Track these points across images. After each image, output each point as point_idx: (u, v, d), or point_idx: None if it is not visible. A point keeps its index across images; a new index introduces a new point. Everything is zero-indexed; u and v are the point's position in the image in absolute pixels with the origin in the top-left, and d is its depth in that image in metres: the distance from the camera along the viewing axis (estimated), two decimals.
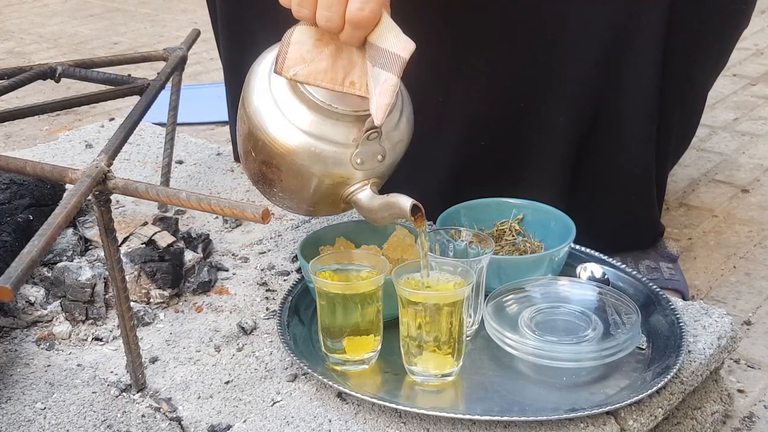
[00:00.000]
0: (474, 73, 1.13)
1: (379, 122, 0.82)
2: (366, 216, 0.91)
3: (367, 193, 0.90)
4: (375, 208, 0.88)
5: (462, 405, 0.84)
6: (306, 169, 0.89)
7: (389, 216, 0.88)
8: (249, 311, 1.00)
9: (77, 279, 0.98)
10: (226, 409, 0.84)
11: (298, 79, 0.85)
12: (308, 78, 0.85)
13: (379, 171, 0.91)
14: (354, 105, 0.87)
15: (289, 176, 0.90)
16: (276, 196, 0.96)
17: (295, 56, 0.84)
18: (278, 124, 0.88)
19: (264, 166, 0.91)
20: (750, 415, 1.02)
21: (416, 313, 0.83)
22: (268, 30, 1.25)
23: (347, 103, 0.87)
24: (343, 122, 0.87)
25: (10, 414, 0.84)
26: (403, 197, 0.85)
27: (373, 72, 0.83)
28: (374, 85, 0.83)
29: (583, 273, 1.01)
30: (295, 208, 0.99)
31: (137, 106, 1.03)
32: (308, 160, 0.88)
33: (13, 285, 0.63)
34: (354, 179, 0.90)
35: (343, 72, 0.85)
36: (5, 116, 1.03)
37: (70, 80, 1.20)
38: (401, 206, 0.84)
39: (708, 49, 1.14)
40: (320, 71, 0.84)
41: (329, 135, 0.87)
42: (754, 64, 2.31)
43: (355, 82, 0.85)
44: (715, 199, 1.57)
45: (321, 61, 0.84)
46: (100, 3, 3.29)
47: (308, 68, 0.84)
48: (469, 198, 1.09)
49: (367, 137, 0.87)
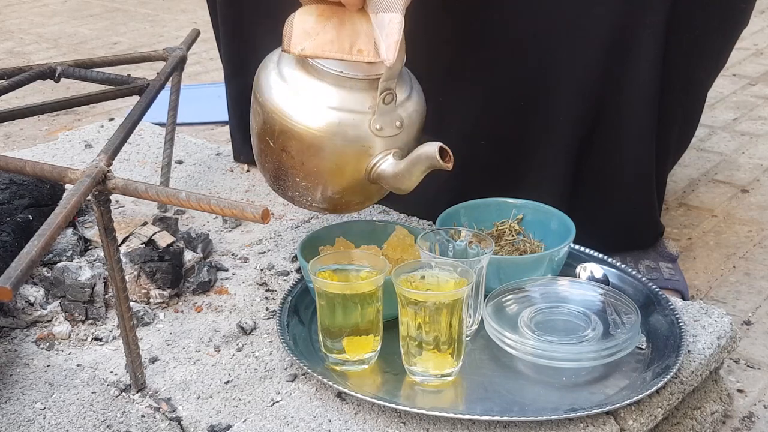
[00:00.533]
0: (474, 73, 1.13)
1: (391, 61, 0.83)
2: (395, 185, 0.90)
3: (390, 161, 0.90)
4: (402, 170, 0.88)
5: (462, 405, 0.84)
6: (327, 143, 0.89)
7: (418, 172, 0.88)
8: (249, 311, 1.00)
9: (77, 279, 0.98)
10: (226, 409, 0.84)
11: (306, 53, 0.86)
12: (316, 51, 0.86)
13: (400, 140, 0.91)
14: (365, 70, 0.88)
15: (311, 157, 0.90)
16: (299, 188, 0.94)
17: (300, 33, 0.86)
18: (293, 103, 0.89)
19: (284, 154, 0.91)
20: (749, 415, 1.02)
21: (416, 313, 0.83)
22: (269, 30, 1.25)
23: (357, 69, 0.88)
24: (358, 89, 0.88)
25: (10, 414, 0.84)
26: (426, 145, 0.85)
27: (377, 20, 0.84)
28: (380, 31, 0.83)
29: (582, 273, 1.01)
30: (318, 199, 0.96)
31: (137, 106, 1.03)
32: (328, 133, 0.88)
33: (12, 285, 0.63)
34: (376, 148, 0.89)
35: (349, 41, 0.86)
36: (5, 116, 1.03)
37: (70, 80, 1.20)
38: (428, 153, 0.85)
39: (708, 49, 1.14)
40: (327, 43, 0.85)
41: (345, 104, 0.88)
42: (754, 64, 2.31)
43: (363, 49, 0.86)
44: (714, 199, 1.57)
45: (326, 33, 0.85)
46: (99, 3, 3.29)
47: (315, 42, 0.85)
48: (469, 198, 1.09)
49: (382, 100, 0.88)
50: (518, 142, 1.16)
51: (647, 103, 1.11)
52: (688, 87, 1.15)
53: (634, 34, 1.07)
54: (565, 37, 1.08)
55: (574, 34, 1.08)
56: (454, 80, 1.15)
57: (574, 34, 1.08)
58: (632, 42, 1.07)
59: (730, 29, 1.16)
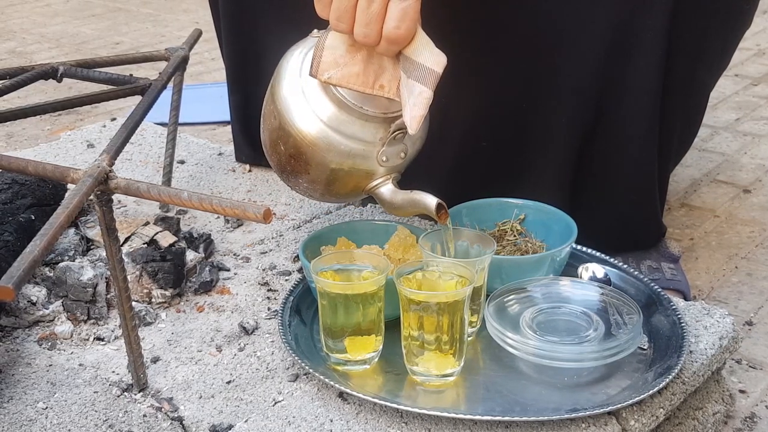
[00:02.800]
0: (476, 73, 1.13)
1: (413, 132, 0.88)
2: (387, 208, 0.97)
3: (389, 187, 0.95)
4: (398, 202, 0.94)
5: (463, 405, 0.84)
6: (334, 165, 0.94)
7: (411, 211, 0.94)
8: (250, 311, 1.01)
9: (79, 279, 0.98)
10: (228, 409, 0.84)
11: (332, 82, 0.90)
12: (341, 81, 0.90)
13: (401, 167, 0.97)
14: (382, 107, 0.92)
15: (317, 170, 0.95)
16: (300, 186, 1.00)
17: (329, 60, 0.89)
18: (310, 122, 0.93)
19: (293, 159, 0.96)
20: (751, 416, 1.02)
21: (418, 313, 0.83)
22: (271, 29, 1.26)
23: (376, 105, 0.92)
24: (372, 123, 0.93)
25: (12, 413, 0.84)
26: (428, 196, 0.91)
27: (408, 84, 0.87)
28: (408, 96, 0.87)
29: (584, 273, 1.01)
30: (316, 196, 1.03)
31: (139, 106, 1.03)
32: (337, 156, 0.93)
33: (15, 285, 0.63)
34: (377, 173, 0.95)
35: (374, 76, 0.90)
36: (7, 116, 1.04)
37: (72, 80, 1.20)
38: (426, 204, 0.91)
39: (711, 49, 1.14)
40: (353, 75, 0.89)
41: (358, 134, 0.93)
42: (756, 65, 2.31)
43: (384, 85, 0.90)
44: (716, 199, 1.57)
45: (354, 65, 0.89)
46: (101, 3, 3.29)
47: (341, 72, 0.89)
48: (470, 198, 1.09)
49: (393, 137, 0.93)
50: (520, 143, 1.16)
51: (649, 104, 1.11)
52: (690, 87, 1.15)
53: (636, 34, 1.07)
54: (568, 38, 1.08)
55: (577, 34, 1.08)
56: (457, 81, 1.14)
57: (577, 34, 1.08)
58: (634, 42, 1.07)
59: (733, 30, 1.16)
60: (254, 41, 1.29)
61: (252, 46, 1.30)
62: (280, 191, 1.31)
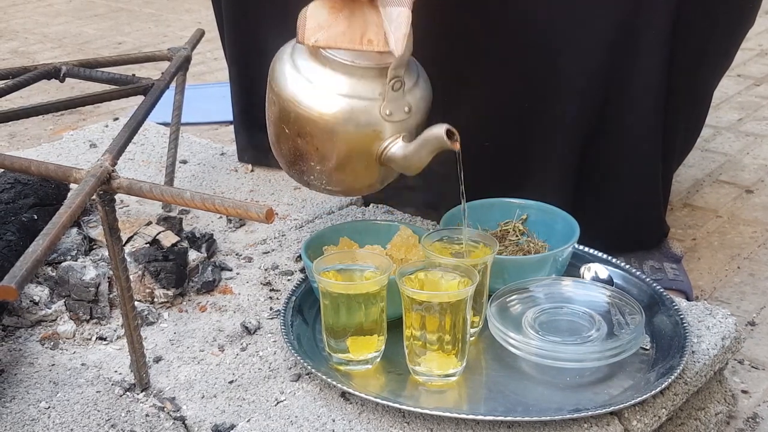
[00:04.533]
0: (478, 73, 1.13)
1: (399, 52, 0.88)
2: (404, 167, 0.95)
3: (400, 144, 0.94)
4: (411, 152, 0.93)
5: (465, 405, 0.84)
6: (340, 129, 0.93)
7: (426, 153, 0.92)
8: (253, 311, 1.01)
9: (81, 278, 0.98)
10: (230, 409, 0.84)
11: (319, 44, 0.91)
12: (329, 42, 0.90)
13: (408, 124, 0.95)
14: (375, 59, 0.92)
15: (325, 142, 0.95)
16: (314, 172, 0.98)
17: (313, 25, 0.90)
18: (307, 92, 0.94)
19: (299, 138, 0.96)
20: (754, 416, 1.02)
21: (420, 313, 0.83)
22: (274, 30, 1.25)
23: (368, 58, 0.92)
24: (368, 78, 0.93)
25: (15, 413, 0.84)
26: (434, 127, 0.90)
27: (386, 13, 0.89)
28: (389, 24, 0.88)
29: (587, 273, 1.01)
30: (332, 182, 1.00)
31: (141, 105, 1.03)
32: (341, 119, 0.93)
33: (17, 284, 0.63)
34: (386, 132, 0.94)
35: (360, 31, 0.90)
36: (10, 116, 1.04)
37: (75, 80, 1.20)
38: (436, 134, 0.89)
39: (714, 49, 1.14)
40: (339, 34, 0.90)
41: (356, 91, 0.93)
42: (759, 65, 2.31)
43: (372, 39, 0.90)
44: (719, 199, 1.57)
45: (338, 25, 0.90)
46: (104, 3, 3.30)
47: (327, 33, 0.90)
48: (473, 198, 1.08)
49: (392, 87, 0.92)
50: (523, 143, 1.16)
51: (652, 104, 1.11)
52: (693, 87, 1.15)
53: (639, 34, 1.06)
54: (571, 38, 1.08)
55: (580, 34, 1.08)
56: (459, 81, 1.15)
57: (580, 34, 1.08)
58: (637, 43, 1.07)
59: (736, 30, 1.16)
60: (257, 41, 1.29)
61: (254, 45, 1.30)
62: (283, 191, 1.31)
